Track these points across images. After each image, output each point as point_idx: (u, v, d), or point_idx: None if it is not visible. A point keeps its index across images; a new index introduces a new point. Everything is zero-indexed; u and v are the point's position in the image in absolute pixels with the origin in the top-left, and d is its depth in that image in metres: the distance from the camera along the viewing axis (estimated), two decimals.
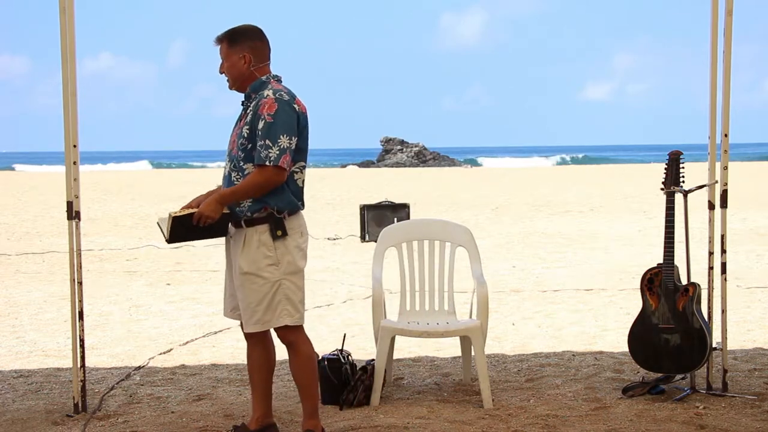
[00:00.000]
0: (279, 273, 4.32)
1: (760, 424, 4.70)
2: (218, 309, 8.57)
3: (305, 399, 4.50)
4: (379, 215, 14.41)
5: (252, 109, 4.29)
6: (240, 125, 4.36)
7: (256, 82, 4.36)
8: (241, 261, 4.32)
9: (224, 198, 4.27)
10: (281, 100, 4.23)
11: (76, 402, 5.11)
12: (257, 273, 4.30)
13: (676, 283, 5.25)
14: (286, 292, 4.34)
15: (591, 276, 10.42)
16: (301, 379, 4.48)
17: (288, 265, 4.33)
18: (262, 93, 4.29)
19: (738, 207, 17.52)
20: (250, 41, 4.35)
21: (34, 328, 7.84)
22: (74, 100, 5.02)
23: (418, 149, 54.17)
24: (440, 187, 29.10)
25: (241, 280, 4.33)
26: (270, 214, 4.29)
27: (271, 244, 4.30)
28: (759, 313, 8.00)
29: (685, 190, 5.29)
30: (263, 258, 4.30)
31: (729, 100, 5.17)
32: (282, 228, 4.30)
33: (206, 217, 4.24)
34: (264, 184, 4.22)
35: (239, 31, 4.37)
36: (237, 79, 4.37)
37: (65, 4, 4.94)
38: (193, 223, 4.27)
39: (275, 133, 4.19)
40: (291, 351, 4.47)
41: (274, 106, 4.22)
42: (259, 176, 4.21)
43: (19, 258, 12.80)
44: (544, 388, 5.52)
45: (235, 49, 4.34)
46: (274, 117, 4.20)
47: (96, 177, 36.00)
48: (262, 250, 4.30)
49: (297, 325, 4.40)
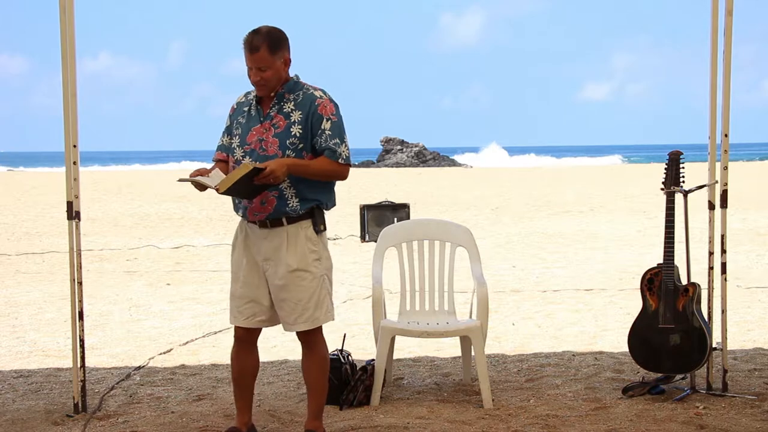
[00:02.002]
0: (322, 268, 4.38)
1: (760, 424, 4.70)
2: (218, 309, 8.59)
3: (313, 399, 4.50)
4: (379, 215, 14.40)
5: (299, 109, 4.29)
6: (280, 123, 4.31)
7: (290, 82, 4.36)
8: (289, 259, 4.29)
9: (292, 167, 4.22)
10: (334, 101, 4.36)
11: (76, 402, 5.11)
12: (306, 269, 4.31)
13: (676, 283, 5.25)
14: (328, 288, 4.42)
15: (591, 276, 10.42)
16: (313, 379, 4.48)
17: (326, 260, 4.42)
18: (308, 94, 4.32)
19: (738, 207, 17.53)
20: (287, 44, 4.33)
21: (34, 328, 7.84)
22: (74, 100, 5.02)
23: (418, 149, 54.13)
24: (440, 187, 29.09)
25: (290, 278, 4.30)
26: (311, 209, 4.33)
27: (316, 239, 4.36)
28: (759, 313, 7.99)
29: (685, 190, 5.29)
30: (310, 253, 4.33)
31: (729, 100, 5.17)
32: (324, 222, 4.39)
33: (275, 176, 4.15)
34: (333, 177, 4.35)
35: (276, 36, 4.27)
36: (276, 84, 4.32)
37: (65, 4, 4.93)
38: (257, 176, 4.13)
39: (342, 131, 4.33)
40: (308, 350, 4.47)
41: (333, 106, 4.32)
42: (334, 168, 4.31)
43: (19, 258, 12.80)
44: (544, 388, 5.51)
45: (277, 55, 4.26)
46: (337, 117, 4.33)
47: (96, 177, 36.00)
48: (309, 245, 4.33)
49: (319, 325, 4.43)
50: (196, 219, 19.08)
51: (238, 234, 4.47)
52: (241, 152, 4.35)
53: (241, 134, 4.38)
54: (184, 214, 20.03)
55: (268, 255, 4.34)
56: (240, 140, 4.38)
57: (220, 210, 20.86)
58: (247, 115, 4.40)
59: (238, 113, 4.45)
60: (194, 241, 14.80)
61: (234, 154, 4.39)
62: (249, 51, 4.23)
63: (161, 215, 19.91)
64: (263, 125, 4.33)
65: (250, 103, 4.42)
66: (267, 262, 4.35)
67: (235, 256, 4.48)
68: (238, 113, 4.45)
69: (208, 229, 17.07)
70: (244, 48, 4.25)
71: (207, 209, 21.17)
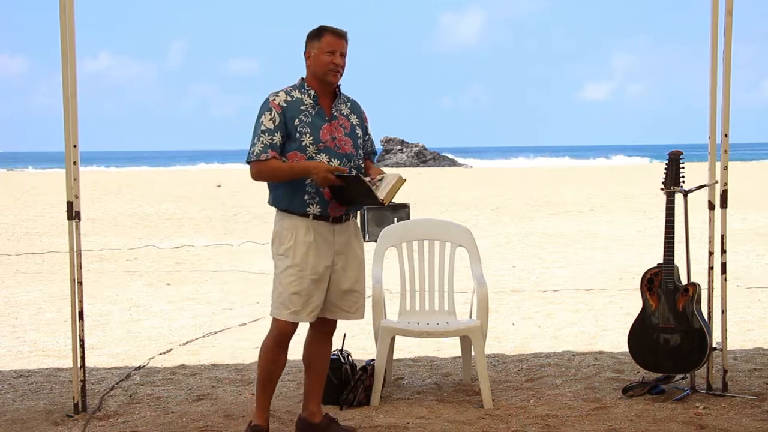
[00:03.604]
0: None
1: (760, 424, 4.70)
2: (218, 309, 8.60)
3: (321, 387, 4.73)
4: (379, 215, 14.41)
5: (354, 113, 4.60)
6: (346, 125, 4.53)
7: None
8: (359, 251, 4.61)
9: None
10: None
11: (76, 402, 5.11)
12: (364, 261, 4.68)
13: (676, 283, 5.24)
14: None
15: (591, 276, 10.42)
16: (324, 369, 4.73)
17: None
18: (353, 100, 4.64)
19: (738, 207, 17.53)
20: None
21: (34, 328, 7.84)
22: (74, 101, 5.01)
23: (418, 149, 54.13)
24: (440, 187, 29.09)
25: (359, 270, 4.61)
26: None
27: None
28: (759, 313, 7.99)
29: (685, 190, 5.29)
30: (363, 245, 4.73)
31: (729, 100, 5.17)
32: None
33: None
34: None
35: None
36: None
37: (65, 4, 4.93)
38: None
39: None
40: (329, 342, 4.72)
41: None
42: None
43: (19, 258, 12.80)
44: (544, 388, 5.51)
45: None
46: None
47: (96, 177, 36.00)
48: (361, 239, 4.70)
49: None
50: (196, 219, 19.07)
51: (299, 233, 4.42)
52: (314, 149, 4.40)
53: (312, 132, 4.42)
54: (184, 214, 20.03)
55: (340, 249, 4.50)
56: (313, 138, 4.41)
57: (220, 210, 20.88)
58: (310, 113, 4.44)
59: (294, 112, 4.41)
60: (194, 241, 14.80)
61: (306, 151, 4.40)
62: (337, 35, 4.43)
63: (161, 215, 19.91)
64: (332, 124, 4.48)
65: (306, 102, 4.45)
66: (338, 256, 4.50)
67: (301, 254, 4.42)
68: (294, 112, 4.41)
69: (208, 229, 17.07)
70: (327, 33, 4.42)
71: (207, 209, 21.18)
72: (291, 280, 4.42)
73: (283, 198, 4.45)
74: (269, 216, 15.75)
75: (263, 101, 4.46)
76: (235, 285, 10.14)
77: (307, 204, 4.42)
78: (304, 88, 4.49)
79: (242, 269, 11.45)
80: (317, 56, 4.42)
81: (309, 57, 4.47)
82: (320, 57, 4.41)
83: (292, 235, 4.44)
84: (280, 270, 4.46)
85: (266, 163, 4.37)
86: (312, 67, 4.47)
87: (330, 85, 4.49)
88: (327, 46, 4.40)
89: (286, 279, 4.43)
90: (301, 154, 4.39)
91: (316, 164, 4.33)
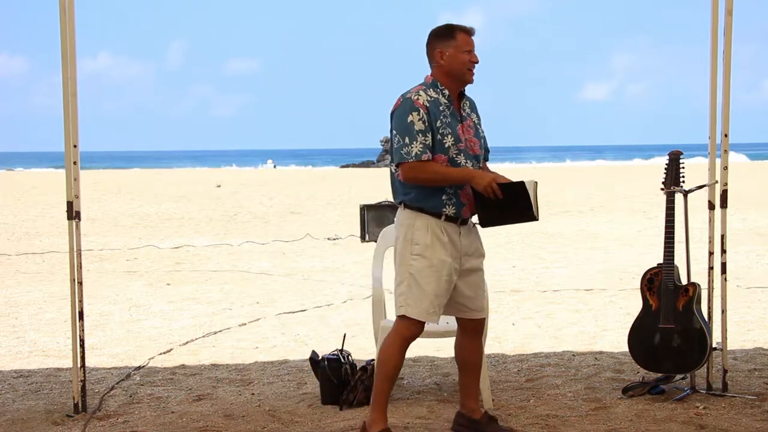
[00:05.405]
0: None
1: (760, 424, 4.70)
2: (218, 309, 8.60)
3: (477, 385, 4.78)
4: (379, 215, 14.40)
5: (474, 112, 4.55)
6: (472, 125, 4.49)
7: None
8: (482, 250, 4.60)
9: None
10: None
11: (76, 402, 5.11)
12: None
13: (676, 283, 5.24)
14: None
15: (591, 276, 10.42)
16: (478, 366, 4.74)
17: None
18: (470, 97, 4.55)
19: (738, 207, 17.53)
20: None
21: (34, 328, 7.84)
22: (74, 100, 5.02)
23: None
24: None
25: (482, 268, 4.60)
26: None
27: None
28: (759, 313, 7.99)
29: (685, 190, 5.28)
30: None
31: (729, 100, 5.16)
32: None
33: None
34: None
35: None
36: None
37: (65, 4, 4.93)
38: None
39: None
40: (478, 339, 4.70)
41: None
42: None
43: (19, 258, 12.80)
44: (544, 388, 5.51)
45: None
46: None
47: (96, 177, 36.01)
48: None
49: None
50: (196, 219, 19.08)
51: (433, 235, 4.36)
52: (455, 151, 4.35)
53: (452, 133, 4.36)
54: (184, 214, 20.03)
55: (469, 250, 4.48)
56: (454, 139, 4.35)
57: (220, 210, 20.89)
58: (448, 114, 4.38)
59: (436, 112, 4.34)
60: (194, 241, 14.80)
61: (448, 153, 4.34)
62: (470, 34, 4.40)
63: (161, 215, 19.92)
64: (463, 125, 4.43)
65: (442, 102, 4.38)
66: (466, 257, 4.46)
67: (437, 255, 4.36)
68: (436, 112, 4.34)
69: (208, 229, 17.07)
70: (460, 32, 4.37)
71: (207, 209, 21.18)
72: (430, 281, 4.35)
73: (420, 197, 4.36)
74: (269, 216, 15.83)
75: (402, 101, 4.35)
76: (235, 285, 10.15)
77: (444, 204, 4.35)
78: (438, 87, 4.39)
79: (242, 269, 11.45)
80: (454, 55, 4.34)
81: (442, 57, 4.35)
82: (458, 56, 4.34)
83: (428, 235, 4.36)
84: (416, 270, 4.34)
85: (426, 164, 4.28)
86: (447, 66, 4.36)
87: (464, 84, 4.42)
88: (465, 45, 4.35)
89: (424, 279, 4.34)
90: (444, 156, 4.33)
91: (480, 174, 4.29)
